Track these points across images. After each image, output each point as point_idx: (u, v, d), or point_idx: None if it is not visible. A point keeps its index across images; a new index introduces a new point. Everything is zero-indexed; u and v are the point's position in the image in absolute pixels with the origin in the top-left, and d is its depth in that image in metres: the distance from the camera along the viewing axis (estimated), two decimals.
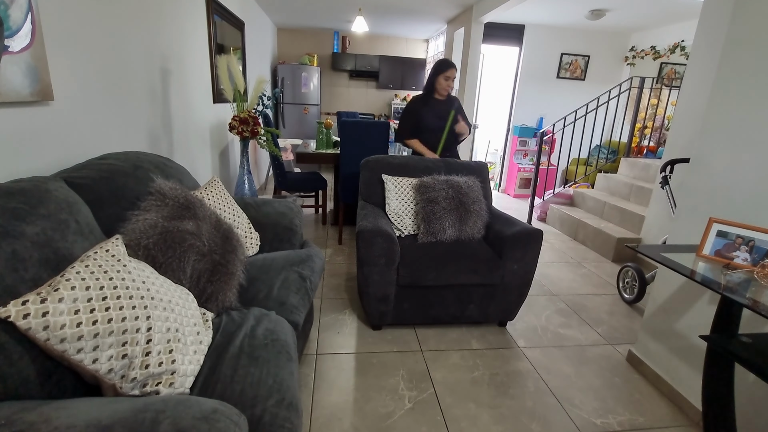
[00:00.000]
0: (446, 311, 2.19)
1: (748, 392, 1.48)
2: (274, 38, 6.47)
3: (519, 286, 2.17)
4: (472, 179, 2.41)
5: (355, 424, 1.55)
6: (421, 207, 2.30)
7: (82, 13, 1.51)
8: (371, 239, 2.00)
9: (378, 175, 2.49)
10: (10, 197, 0.98)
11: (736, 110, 1.52)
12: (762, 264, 1.20)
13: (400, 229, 2.36)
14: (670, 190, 2.71)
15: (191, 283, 1.29)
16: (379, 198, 2.46)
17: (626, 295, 2.71)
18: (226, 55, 2.60)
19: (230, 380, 1.04)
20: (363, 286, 2.12)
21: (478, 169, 2.59)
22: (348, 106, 7.29)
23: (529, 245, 2.11)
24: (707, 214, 1.57)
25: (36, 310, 0.79)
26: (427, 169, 2.52)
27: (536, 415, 1.65)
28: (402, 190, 2.41)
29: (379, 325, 2.20)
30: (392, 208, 2.38)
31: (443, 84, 2.81)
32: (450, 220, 2.25)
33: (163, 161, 1.71)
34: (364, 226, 2.05)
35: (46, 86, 1.29)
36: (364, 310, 2.32)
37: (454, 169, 2.54)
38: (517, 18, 5.17)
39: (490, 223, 2.38)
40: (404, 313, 2.16)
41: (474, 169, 2.58)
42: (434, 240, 2.25)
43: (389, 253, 2.00)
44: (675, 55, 4.84)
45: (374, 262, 2.01)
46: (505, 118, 6.05)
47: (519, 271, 2.13)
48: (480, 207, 2.34)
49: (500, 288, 2.17)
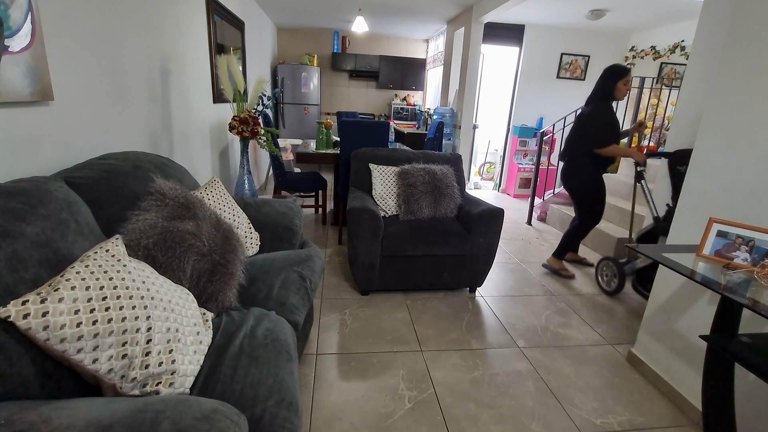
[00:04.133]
0: (424, 278, 2.58)
1: (748, 392, 1.48)
2: (274, 38, 6.47)
3: (484, 256, 2.56)
4: (447, 167, 2.79)
5: (355, 424, 1.55)
6: (402, 190, 2.67)
7: (82, 13, 1.51)
8: (359, 216, 2.36)
9: (366, 164, 2.85)
10: (10, 197, 0.98)
11: (736, 110, 1.52)
12: (762, 264, 1.20)
13: (384, 209, 2.72)
14: (645, 185, 2.72)
15: (191, 283, 1.29)
16: (367, 184, 2.83)
17: (607, 288, 2.82)
18: (226, 55, 2.60)
19: (230, 380, 1.04)
20: (353, 257, 2.47)
21: (453, 160, 2.98)
22: (348, 106, 7.29)
23: (491, 221, 2.49)
24: (707, 214, 1.57)
25: (36, 310, 0.79)
26: (407, 159, 2.89)
27: (536, 415, 1.65)
28: (386, 177, 2.79)
29: (367, 290, 2.56)
30: (378, 192, 2.75)
31: (623, 89, 2.79)
32: (426, 201, 2.62)
33: (163, 161, 1.71)
34: (353, 206, 2.41)
35: (46, 86, 1.29)
36: (354, 278, 2.66)
37: (432, 159, 2.90)
38: (517, 18, 5.17)
39: (461, 205, 2.75)
40: (388, 279, 2.53)
41: (449, 159, 2.97)
42: (413, 218, 2.62)
43: (374, 227, 2.37)
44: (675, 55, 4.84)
45: (362, 236, 2.37)
46: (505, 118, 6.05)
47: (484, 243, 2.52)
48: (453, 191, 2.71)
49: (469, 258, 2.56)
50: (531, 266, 3.19)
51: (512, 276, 3.00)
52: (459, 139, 5.17)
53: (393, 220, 2.62)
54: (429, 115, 6.26)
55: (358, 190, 2.80)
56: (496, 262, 3.18)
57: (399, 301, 2.50)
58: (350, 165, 2.92)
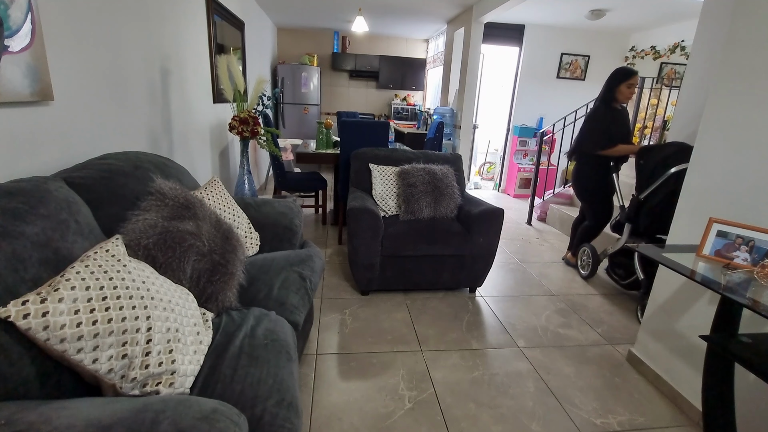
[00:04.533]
0: (424, 278, 2.57)
1: (748, 392, 1.48)
2: (274, 38, 6.47)
3: (484, 256, 2.55)
4: (447, 167, 2.78)
5: (355, 424, 1.55)
6: (402, 190, 2.66)
7: (82, 13, 1.51)
8: (359, 216, 2.35)
9: (366, 164, 2.85)
10: (10, 197, 0.98)
11: (736, 110, 1.52)
12: (762, 264, 1.20)
13: (385, 209, 2.71)
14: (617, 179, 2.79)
15: (191, 283, 1.29)
16: (367, 184, 2.82)
17: (583, 272, 3.04)
18: (226, 55, 2.60)
19: (230, 380, 1.04)
20: (352, 256, 2.46)
21: (453, 160, 2.97)
22: (348, 106, 7.29)
23: (492, 221, 2.48)
24: (707, 214, 1.56)
25: (36, 310, 0.79)
26: (407, 159, 2.88)
27: (536, 415, 1.65)
28: (386, 177, 2.78)
29: (367, 290, 2.55)
30: (378, 192, 2.75)
31: (625, 92, 2.73)
32: (426, 201, 2.61)
33: (163, 161, 1.71)
34: (353, 206, 2.40)
35: (46, 86, 1.29)
36: (353, 278, 2.63)
37: (431, 159, 2.89)
38: (517, 18, 5.17)
39: (462, 205, 2.74)
40: (388, 279, 2.52)
41: (449, 159, 2.97)
42: (413, 218, 2.61)
43: (374, 227, 2.36)
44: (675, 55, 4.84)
45: (361, 236, 2.36)
46: (505, 118, 6.06)
47: (484, 243, 2.51)
48: (452, 191, 2.70)
49: (469, 258, 2.54)
50: (531, 266, 3.19)
51: (512, 276, 3.00)
52: (459, 139, 5.17)
53: (393, 220, 2.62)
54: (429, 115, 6.26)
55: (358, 190, 2.80)
56: (496, 262, 3.18)
57: (399, 301, 2.50)
58: (350, 165, 2.93)
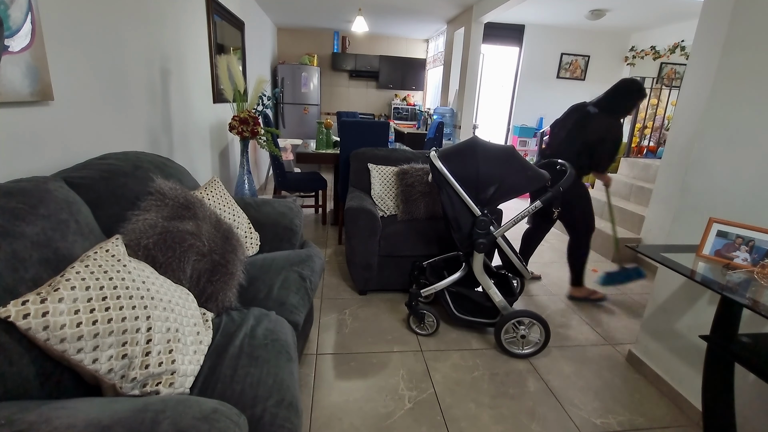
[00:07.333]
0: None
1: (748, 392, 1.48)
2: (274, 38, 6.47)
3: None
4: None
5: (355, 424, 1.55)
6: (401, 191, 2.66)
7: (82, 13, 1.51)
8: (356, 215, 2.36)
9: (365, 164, 2.85)
10: (10, 197, 0.98)
11: (736, 110, 1.52)
12: (762, 264, 1.20)
13: (383, 209, 2.71)
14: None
15: (191, 283, 1.29)
16: (366, 184, 2.83)
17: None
18: (226, 55, 2.60)
19: (230, 380, 1.04)
20: (350, 256, 2.48)
21: None
22: (348, 106, 7.29)
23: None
24: (707, 214, 1.56)
25: (36, 310, 0.79)
26: (407, 159, 2.88)
27: (536, 415, 1.65)
28: (385, 177, 2.78)
29: (364, 290, 2.54)
30: (376, 192, 2.75)
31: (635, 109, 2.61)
32: (425, 202, 2.61)
33: (163, 161, 1.71)
34: (350, 206, 2.42)
35: (46, 86, 1.29)
36: (351, 278, 2.63)
37: None
38: (517, 18, 5.17)
39: None
40: (385, 279, 2.52)
41: None
42: (411, 218, 2.61)
43: (371, 227, 2.36)
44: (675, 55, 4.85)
45: (359, 235, 2.37)
46: (505, 118, 6.06)
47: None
48: None
49: None
50: (531, 266, 3.19)
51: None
52: (459, 139, 5.17)
53: (391, 220, 2.63)
54: (429, 115, 6.26)
55: (357, 190, 2.81)
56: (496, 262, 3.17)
57: (399, 301, 2.50)
58: (350, 165, 2.93)
